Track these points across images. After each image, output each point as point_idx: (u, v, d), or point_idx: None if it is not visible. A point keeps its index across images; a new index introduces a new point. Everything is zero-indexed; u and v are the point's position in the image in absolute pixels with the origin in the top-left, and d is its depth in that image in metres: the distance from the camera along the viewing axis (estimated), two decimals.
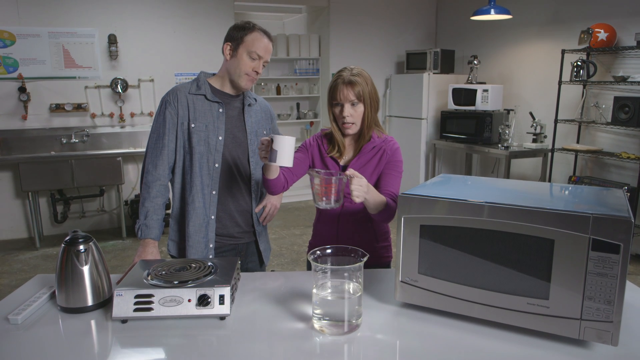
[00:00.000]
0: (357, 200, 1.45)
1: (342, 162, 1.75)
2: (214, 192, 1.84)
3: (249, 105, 1.91)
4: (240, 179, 1.89)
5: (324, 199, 1.47)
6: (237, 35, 1.77)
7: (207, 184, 1.83)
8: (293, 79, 6.45)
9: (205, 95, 1.83)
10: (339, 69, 1.72)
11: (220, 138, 1.83)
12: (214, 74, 1.91)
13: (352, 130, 1.71)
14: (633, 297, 1.41)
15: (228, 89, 1.87)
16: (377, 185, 1.72)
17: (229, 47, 1.79)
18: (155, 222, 1.80)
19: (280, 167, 1.64)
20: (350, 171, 1.46)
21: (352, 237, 1.75)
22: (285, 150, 1.46)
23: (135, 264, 1.63)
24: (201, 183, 1.82)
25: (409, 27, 6.38)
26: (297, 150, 1.83)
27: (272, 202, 2.00)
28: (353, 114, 1.67)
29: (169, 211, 1.91)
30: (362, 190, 1.45)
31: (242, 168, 1.89)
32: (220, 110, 1.84)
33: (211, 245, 1.87)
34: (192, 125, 1.80)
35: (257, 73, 1.80)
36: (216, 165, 1.83)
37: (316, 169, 1.50)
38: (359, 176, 1.46)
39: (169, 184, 1.89)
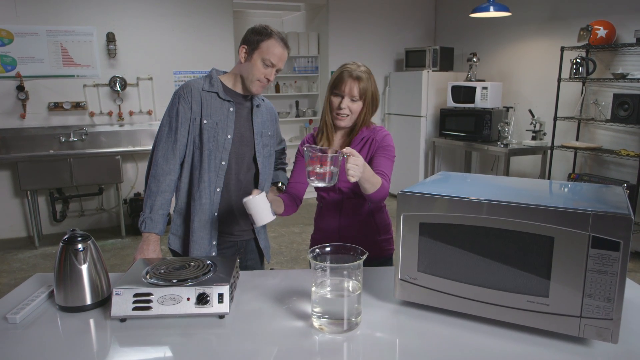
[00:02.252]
0: (353, 179, 1.41)
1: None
2: (218, 190, 1.85)
3: (257, 106, 1.92)
4: (244, 178, 1.90)
5: (317, 177, 1.44)
6: (253, 40, 1.76)
7: (213, 180, 1.83)
8: (292, 77, 6.44)
9: (217, 93, 1.83)
10: (346, 62, 1.72)
11: (229, 136, 1.83)
12: (224, 72, 1.91)
13: (344, 123, 1.71)
14: (633, 295, 1.41)
15: (239, 89, 1.87)
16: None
17: (244, 50, 1.79)
18: (161, 216, 1.79)
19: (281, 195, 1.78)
20: (347, 149, 1.42)
21: (354, 230, 1.76)
22: (258, 210, 1.52)
23: (136, 260, 1.63)
24: (208, 180, 1.82)
25: (408, 24, 6.37)
26: (296, 161, 1.85)
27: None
28: (350, 108, 1.68)
29: (170, 209, 1.90)
30: (358, 170, 1.41)
31: (247, 167, 1.90)
32: (231, 109, 1.84)
33: (214, 242, 1.87)
34: (204, 122, 1.80)
35: (269, 80, 1.81)
36: (223, 163, 1.83)
37: (312, 145, 1.47)
38: (356, 155, 1.42)
39: (179, 181, 1.88)
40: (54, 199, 4.87)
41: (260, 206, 1.54)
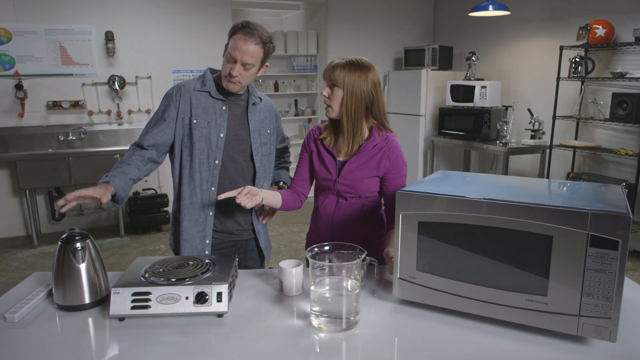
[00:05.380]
0: None
1: (340, 158, 1.75)
2: (213, 189, 1.84)
3: (253, 104, 1.91)
4: (242, 177, 1.89)
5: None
6: (229, 36, 1.77)
7: (206, 180, 1.83)
8: (291, 76, 6.43)
9: (209, 92, 1.82)
10: None
11: (221, 135, 1.82)
12: (220, 71, 1.90)
13: (330, 113, 1.71)
14: (631, 294, 1.41)
15: None
16: (383, 190, 1.76)
17: (224, 50, 1.80)
18: (119, 174, 1.68)
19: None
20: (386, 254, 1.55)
21: (347, 231, 1.75)
22: (291, 281, 1.45)
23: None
24: (200, 179, 1.82)
25: (407, 23, 6.36)
26: (300, 158, 1.86)
27: None
28: (330, 96, 1.68)
29: (168, 208, 1.91)
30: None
31: (244, 166, 1.89)
32: (224, 107, 1.84)
33: (207, 241, 1.87)
34: (194, 121, 1.80)
35: (232, 76, 1.74)
36: (216, 162, 1.83)
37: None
38: (390, 256, 1.50)
39: (173, 181, 1.90)
40: (52, 198, 4.86)
41: (294, 278, 1.44)
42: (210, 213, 1.86)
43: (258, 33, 1.73)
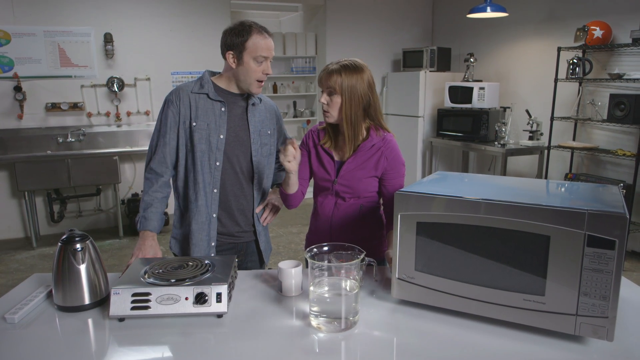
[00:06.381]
0: None
1: (337, 158, 1.76)
2: (215, 191, 1.85)
3: (253, 104, 1.90)
4: (242, 178, 1.89)
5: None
6: (237, 42, 1.74)
7: (208, 182, 1.83)
8: (290, 77, 6.45)
9: (207, 94, 1.83)
10: None
11: (221, 137, 1.83)
12: (219, 73, 1.90)
13: (329, 119, 1.71)
14: (628, 293, 1.42)
15: (234, 89, 1.86)
16: (382, 190, 1.77)
17: (231, 56, 1.77)
18: (154, 214, 1.80)
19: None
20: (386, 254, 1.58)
21: (346, 232, 1.76)
22: (290, 281, 1.45)
23: (134, 257, 1.64)
24: (203, 181, 1.83)
25: (406, 25, 6.38)
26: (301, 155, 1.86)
27: (273, 202, 2.00)
28: (329, 103, 1.68)
29: (168, 209, 1.91)
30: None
31: (244, 167, 1.89)
32: (223, 109, 1.84)
33: (213, 244, 1.87)
34: (194, 124, 1.80)
35: (267, 74, 1.81)
36: (217, 163, 1.83)
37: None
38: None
39: (171, 181, 1.90)
40: (51, 200, 4.86)
41: (293, 279, 1.45)
42: (214, 215, 1.87)
43: (265, 27, 1.78)
